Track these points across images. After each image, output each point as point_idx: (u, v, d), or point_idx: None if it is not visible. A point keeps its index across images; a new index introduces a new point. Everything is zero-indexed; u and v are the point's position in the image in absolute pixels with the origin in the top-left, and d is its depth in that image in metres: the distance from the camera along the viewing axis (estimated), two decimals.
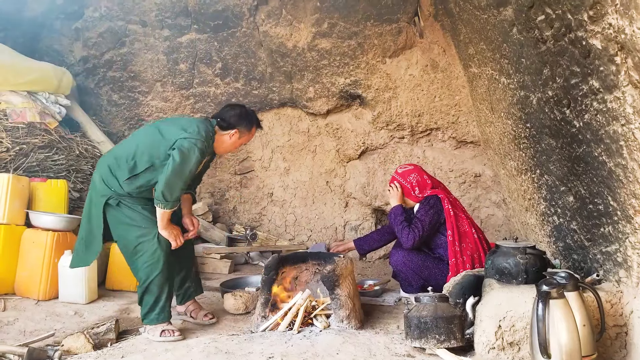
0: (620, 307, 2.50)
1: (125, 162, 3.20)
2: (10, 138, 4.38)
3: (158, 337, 3.08)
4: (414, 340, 2.69)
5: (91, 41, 5.70)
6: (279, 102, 5.92)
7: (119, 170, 3.21)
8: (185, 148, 3.09)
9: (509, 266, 2.74)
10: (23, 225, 4.03)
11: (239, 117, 3.42)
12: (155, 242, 3.14)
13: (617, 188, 2.31)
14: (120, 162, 3.22)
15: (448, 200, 3.75)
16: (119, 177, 3.19)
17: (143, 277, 3.16)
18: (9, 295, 3.84)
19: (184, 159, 3.08)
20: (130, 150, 3.24)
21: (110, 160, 3.28)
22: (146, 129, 3.43)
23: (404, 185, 3.87)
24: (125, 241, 3.21)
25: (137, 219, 3.19)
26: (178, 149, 3.08)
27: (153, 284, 3.14)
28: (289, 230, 6.12)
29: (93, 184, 3.31)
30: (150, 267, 3.14)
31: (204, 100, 5.87)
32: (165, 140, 3.18)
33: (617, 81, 2.05)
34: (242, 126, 3.42)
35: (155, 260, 3.14)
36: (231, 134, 3.40)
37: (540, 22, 2.58)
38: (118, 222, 3.21)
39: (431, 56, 5.28)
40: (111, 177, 3.20)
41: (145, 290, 3.16)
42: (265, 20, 5.37)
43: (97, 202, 3.23)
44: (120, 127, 6.07)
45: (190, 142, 3.11)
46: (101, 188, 3.22)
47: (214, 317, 3.50)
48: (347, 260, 3.38)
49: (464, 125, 5.45)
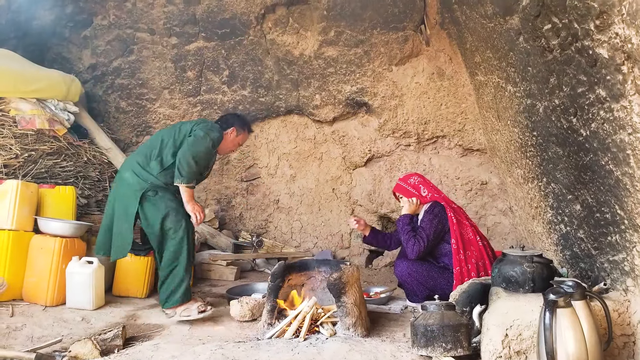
0: (628, 316, 2.49)
1: (154, 157, 3.73)
2: (19, 145, 4.42)
3: (196, 314, 3.51)
4: (421, 349, 2.68)
5: (100, 49, 5.76)
6: (285, 109, 5.95)
7: (150, 165, 3.71)
8: (200, 134, 3.68)
9: (516, 274, 2.73)
10: (31, 231, 4.05)
11: (233, 117, 4.09)
12: (183, 229, 3.59)
13: (624, 197, 2.30)
14: (149, 158, 3.73)
15: (450, 208, 3.76)
16: (152, 170, 3.68)
17: (171, 259, 3.57)
18: (17, 301, 3.86)
19: (197, 141, 3.65)
20: (156, 145, 3.78)
21: (139, 157, 3.76)
22: (168, 128, 3.95)
23: (406, 188, 3.91)
24: (156, 227, 3.60)
25: (169, 207, 3.63)
26: (193, 134, 3.68)
27: (180, 266, 3.56)
28: (295, 237, 6.13)
29: (123, 181, 3.72)
30: (177, 251, 3.57)
31: (211, 108, 5.90)
32: (183, 134, 3.75)
33: (624, 90, 2.05)
34: (238, 124, 4.01)
35: (183, 245, 3.58)
36: (229, 132, 3.95)
37: (546, 31, 2.58)
38: (151, 210, 3.62)
39: (437, 64, 5.29)
40: (144, 171, 3.68)
41: (170, 273, 3.56)
42: (272, 29, 5.41)
43: (132, 196, 3.62)
44: (127, 134, 6.12)
45: (205, 129, 3.72)
46: (135, 182, 3.65)
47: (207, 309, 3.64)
48: (354, 268, 3.38)
49: (470, 133, 5.45)
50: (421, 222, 3.79)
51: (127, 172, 3.73)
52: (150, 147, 3.81)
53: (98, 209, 5.08)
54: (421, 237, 3.67)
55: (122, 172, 3.81)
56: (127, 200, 3.68)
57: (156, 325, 3.57)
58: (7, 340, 3.16)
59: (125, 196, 3.69)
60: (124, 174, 3.76)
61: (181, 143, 3.71)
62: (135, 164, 3.74)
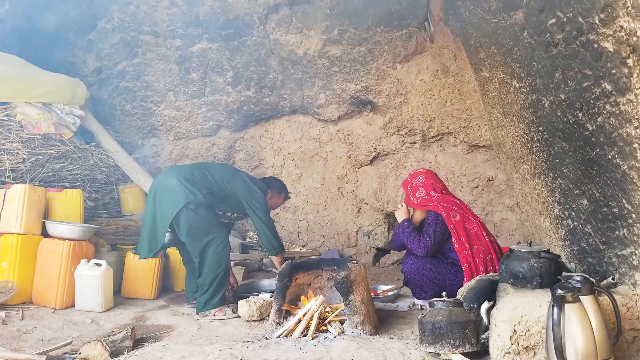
0: (637, 311, 2.47)
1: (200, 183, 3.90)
2: (26, 149, 4.45)
3: (230, 313, 3.77)
4: (429, 346, 2.68)
5: (104, 52, 5.78)
6: (290, 109, 5.95)
7: (198, 185, 3.84)
8: (258, 201, 4.09)
9: (524, 270, 2.72)
10: (40, 235, 4.08)
11: (270, 180, 4.45)
12: (222, 243, 3.81)
13: (631, 191, 2.29)
14: (196, 181, 3.87)
15: (451, 209, 3.72)
16: (200, 189, 3.81)
17: (213, 270, 3.76)
18: (26, 304, 3.89)
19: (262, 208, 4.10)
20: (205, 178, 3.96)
21: (188, 175, 3.88)
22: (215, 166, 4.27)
23: (406, 188, 3.91)
24: (200, 241, 3.77)
25: (211, 223, 3.83)
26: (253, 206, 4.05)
27: (219, 277, 3.76)
28: (302, 237, 6.13)
29: (170, 187, 3.81)
30: (218, 263, 3.77)
31: (216, 109, 5.91)
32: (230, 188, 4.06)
33: (630, 84, 2.04)
34: (275, 189, 4.31)
35: (222, 258, 3.81)
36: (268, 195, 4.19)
37: (551, 26, 2.58)
38: (195, 223, 3.76)
39: (442, 61, 5.28)
40: (192, 187, 3.79)
41: (211, 282, 3.75)
42: (276, 29, 5.41)
43: (175, 204, 3.74)
44: (133, 136, 6.14)
45: (255, 194, 4.09)
46: (183, 194, 3.75)
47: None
48: (360, 266, 3.39)
49: (475, 129, 5.43)
50: (426, 222, 3.77)
51: (174, 180, 3.83)
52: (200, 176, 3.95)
53: (105, 212, 5.11)
54: (427, 233, 3.66)
55: (170, 179, 3.87)
56: (168, 206, 3.79)
57: (165, 326, 3.59)
58: (18, 343, 3.19)
59: (168, 203, 3.80)
60: (171, 181, 3.84)
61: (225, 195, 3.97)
62: (183, 178, 3.85)
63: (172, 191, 3.78)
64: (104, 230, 4.75)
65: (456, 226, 3.63)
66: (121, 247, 4.74)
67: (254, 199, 4.01)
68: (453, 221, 3.65)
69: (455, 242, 3.61)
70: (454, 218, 3.67)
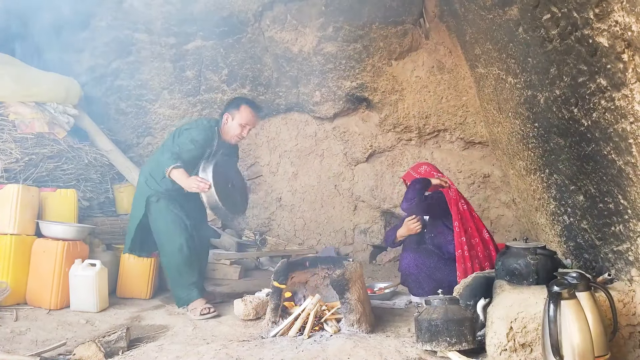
0: (633, 306, 2.47)
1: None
2: (19, 149, 4.41)
3: (199, 315, 3.68)
4: (425, 343, 2.67)
5: (98, 51, 5.73)
6: (285, 107, 5.93)
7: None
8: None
9: (520, 267, 2.72)
10: (33, 235, 4.05)
11: (225, 105, 4.17)
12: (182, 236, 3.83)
13: (627, 186, 2.29)
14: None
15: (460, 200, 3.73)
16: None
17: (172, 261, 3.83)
18: (20, 305, 3.86)
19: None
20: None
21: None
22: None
23: (415, 177, 3.88)
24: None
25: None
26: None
27: (179, 267, 3.81)
28: (298, 235, 6.12)
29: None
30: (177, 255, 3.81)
31: (211, 107, 5.89)
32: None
33: (625, 79, 2.03)
34: (230, 109, 4.01)
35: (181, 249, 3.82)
36: (224, 121, 4.00)
37: (546, 21, 2.56)
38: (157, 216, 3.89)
39: (437, 57, 5.27)
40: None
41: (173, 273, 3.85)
42: (271, 26, 5.39)
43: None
44: (128, 135, 6.10)
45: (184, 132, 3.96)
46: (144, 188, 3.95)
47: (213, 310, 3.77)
48: (357, 264, 3.37)
49: (471, 125, 5.42)
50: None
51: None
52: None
53: (100, 212, 5.07)
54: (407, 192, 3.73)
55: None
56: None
57: (160, 326, 3.57)
58: (12, 345, 3.17)
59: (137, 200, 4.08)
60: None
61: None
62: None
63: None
64: (99, 230, 4.72)
65: (456, 209, 3.64)
66: (116, 246, 4.71)
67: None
68: (461, 209, 3.65)
69: (456, 225, 3.59)
70: (462, 207, 3.68)
